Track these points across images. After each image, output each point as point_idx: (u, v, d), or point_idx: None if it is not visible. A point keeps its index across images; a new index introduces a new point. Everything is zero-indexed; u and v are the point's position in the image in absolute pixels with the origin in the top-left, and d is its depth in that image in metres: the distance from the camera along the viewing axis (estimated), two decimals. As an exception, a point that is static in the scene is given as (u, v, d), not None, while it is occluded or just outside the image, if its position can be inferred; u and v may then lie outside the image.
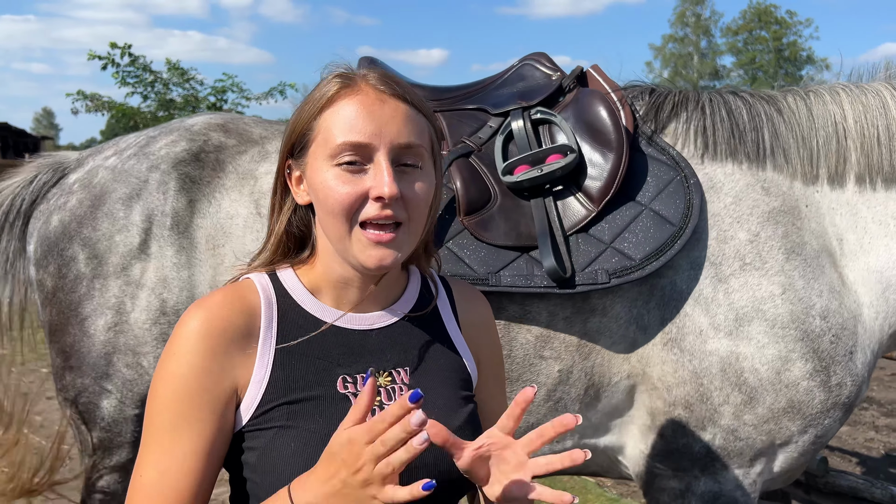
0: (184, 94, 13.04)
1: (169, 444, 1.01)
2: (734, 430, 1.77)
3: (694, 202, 1.78)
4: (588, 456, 0.96)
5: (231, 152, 2.05)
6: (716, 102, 1.94)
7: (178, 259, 1.94)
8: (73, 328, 1.98)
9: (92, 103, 12.52)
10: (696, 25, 52.72)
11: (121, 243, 1.95)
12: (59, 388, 2.07)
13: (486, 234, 1.79)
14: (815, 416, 1.77)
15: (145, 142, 2.12)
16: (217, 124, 2.13)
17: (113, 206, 1.99)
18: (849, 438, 4.91)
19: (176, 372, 1.01)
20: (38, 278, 2.08)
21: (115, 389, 1.96)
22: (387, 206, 1.01)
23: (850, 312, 1.79)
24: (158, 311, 1.92)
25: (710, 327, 1.76)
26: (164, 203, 1.97)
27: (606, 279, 1.73)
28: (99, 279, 1.95)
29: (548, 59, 2.08)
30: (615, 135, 1.83)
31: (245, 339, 1.06)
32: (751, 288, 1.76)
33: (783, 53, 50.81)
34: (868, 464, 4.45)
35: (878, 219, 1.83)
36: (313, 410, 1.04)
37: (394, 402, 0.90)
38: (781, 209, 1.83)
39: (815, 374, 1.74)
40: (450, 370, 1.16)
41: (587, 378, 1.84)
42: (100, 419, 2.00)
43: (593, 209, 1.80)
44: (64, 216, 2.03)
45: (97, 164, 2.11)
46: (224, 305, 1.06)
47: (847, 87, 1.91)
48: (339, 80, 1.06)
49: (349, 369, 1.09)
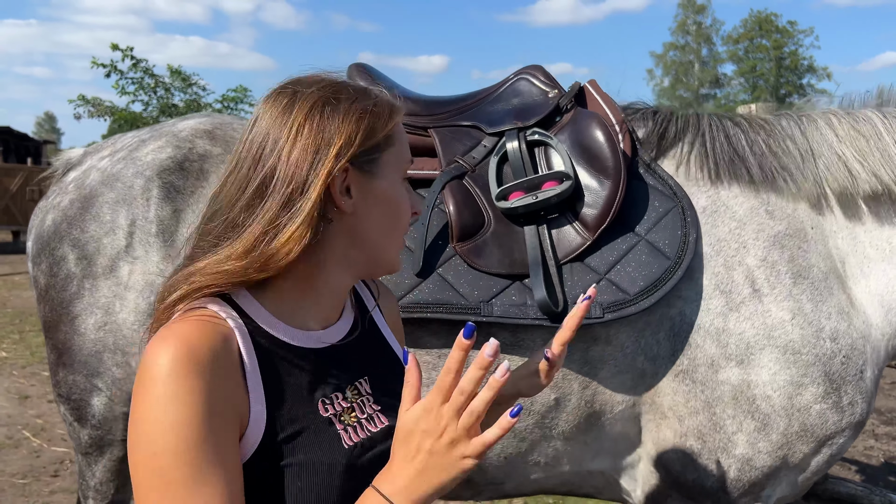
0: (186, 98, 13.10)
1: (194, 500, 0.86)
2: (749, 458, 1.74)
3: (691, 236, 1.75)
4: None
5: (215, 161, 2.04)
6: (716, 127, 1.93)
7: (164, 265, 1.94)
8: (64, 325, 2.01)
9: (94, 108, 12.58)
10: (697, 33, 52.87)
11: (108, 245, 1.98)
12: (54, 384, 2.12)
13: (480, 261, 1.75)
14: (828, 436, 1.76)
15: (136, 145, 2.13)
16: (204, 130, 2.11)
17: (100, 209, 2.01)
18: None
19: (179, 417, 0.86)
20: (34, 275, 2.13)
21: (105, 387, 1.98)
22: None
23: (858, 332, 1.78)
24: (146, 314, 1.94)
25: (722, 357, 1.73)
26: (148, 210, 1.98)
27: (600, 314, 1.70)
28: (89, 279, 1.97)
29: (544, 74, 2.03)
30: (613, 161, 1.79)
31: (231, 366, 0.94)
32: (761, 315, 1.74)
33: (784, 62, 50.93)
34: (867, 472, 4.45)
35: (875, 243, 1.84)
36: (310, 441, 0.98)
37: (452, 350, 0.87)
38: (787, 233, 1.81)
39: (827, 395, 1.73)
40: (395, 369, 1.17)
41: (587, 406, 1.80)
42: (90, 416, 2.03)
43: (588, 237, 1.76)
44: (56, 216, 2.07)
45: (92, 165, 2.15)
46: (196, 329, 0.92)
47: (838, 112, 1.93)
48: (388, 99, 1.08)
49: (324, 391, 1.04)
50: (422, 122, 1.97)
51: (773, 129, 1.92)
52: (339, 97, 1.02)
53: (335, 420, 1.02)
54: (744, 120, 1.97)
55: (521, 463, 1.87)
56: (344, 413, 1.04)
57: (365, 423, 1.06)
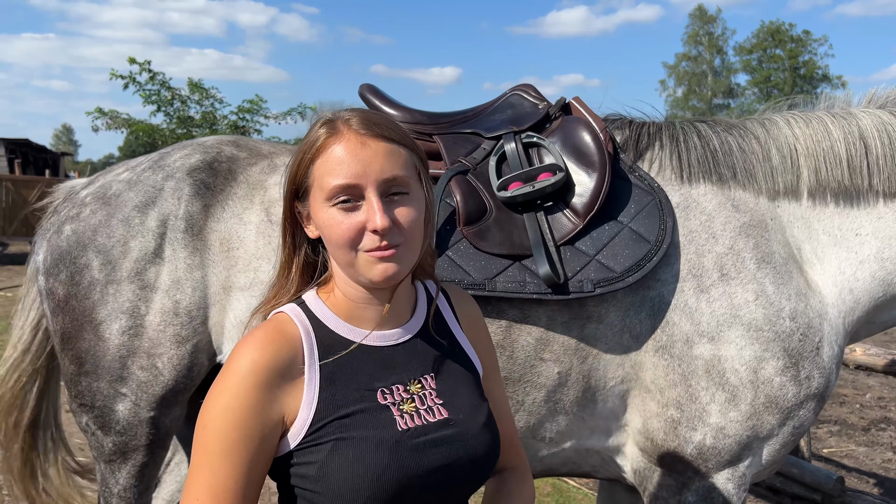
0: (202, 111, 13.23)
1: (220, 467, 1.12)
2: (722, 427, 1.92)
3: (668, 224, 1.96)
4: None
5: (242, 163, 2.20)
6: (687, 131, 2.13)
7: (191, 260, 2.05)
8: (87, 334, 2.05)
9: (111, 121, 12.73)
10: (710, 44, 52.79)
11: (135, 248, 2.05)
12: (74, 395, 2.13)
13: (483, 243, 1.94)
14: (791, 408, 1.94)
15: (158, 157, 2.27)
16: (228, 140, 2.30)
17: (129, 213, 2.09)
18: (866, 459, 4.87)
19: (229, 405, 1.12)
20: (49, 287, 2.15)
21: (130, 392, 2.03)
22: (383, 236, 1.14)
23: (815, 312, 1.97)
24: (172, 313, 2.01)
25: (696, 334, 1.92)
26: (179, 207, 2.09)
27: (592, 288, 1.89)
28: (113, 284, 2.03)
29: (534, 90, 2.26)
30: (598, 157, 2.00)
31: (291, 369, 1.17)
32: (728, 296, 1.93)
33: (799, 72, 50.72)
34: (886, 485, 4.42)
35: (827, 230, 2.04)
36: (363, 421, 1.16)
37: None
38: (751, 223, 2.01)
39: (787, 369, 1.91)
40: (466, 371, 1.31)
41: (584, 381, 1.98)
42: (115, 423, 2.07)
43: (579, 223, 1.96)
44: (78, 226, 2.13)
45: (109, 180, 2.24)
46: (268, 342, 1.16)
47: (796, 115, 2.13)
48: (325, 129, 1.19)
49: (384, 382, 1.21)
50: (427, 130, 2.19)
51: (741, 130, 2.12)
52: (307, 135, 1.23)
53: (392, 407, 1.19)
54: (716, 123, 2.18)
55: (531, 439, 2.05)
56: (404, 402, 1.20)
57: (423, 413, 1.21)
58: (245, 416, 1.12)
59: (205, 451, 1.13)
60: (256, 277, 2.04)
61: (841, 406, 6.06)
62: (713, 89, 52.83)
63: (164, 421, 2.10)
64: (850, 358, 6.66)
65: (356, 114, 1.21)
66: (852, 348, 6.24)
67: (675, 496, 2.00)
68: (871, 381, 6.69)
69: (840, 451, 5.04)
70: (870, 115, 2.07)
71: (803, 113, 2.15)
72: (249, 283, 2.04)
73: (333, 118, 1.20)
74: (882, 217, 2.03)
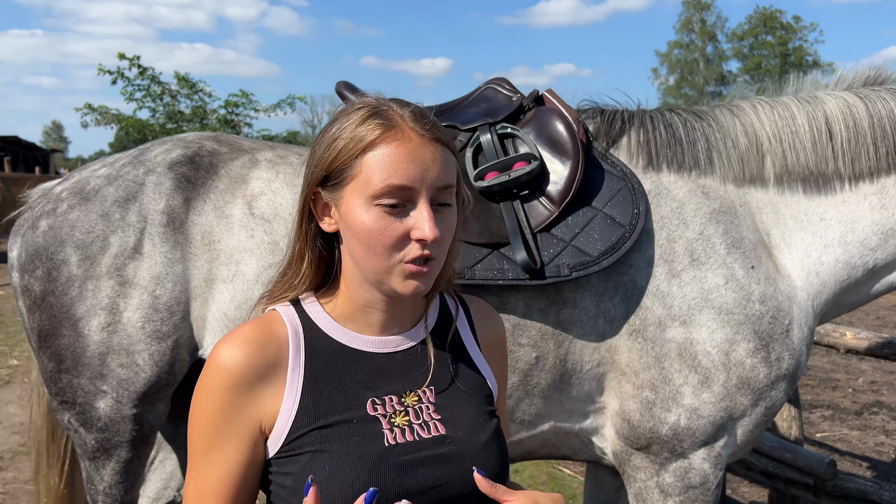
0: (192, 105, 13.15)
1: (203, 466, 1.09)
2: (696, 408, 1.96)
3: (640, 208, 1.99)
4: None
5: (224, 158, 2.21)
6: (656, 120, 2.16)
7: (172, 255, 2.04)
8: (66, 330, 2.02)
9: (101, 116, 12.64)
10: (702, 31, 52.74)
11: (115, 243, 2.03)
12: (55, 393, 2.10)
13: (462, 233, 1.90)
14: (762, 389, 1.98)
15: (138, 153, 2.26)
16: (209, 136, 2.31)
17: (109, 208, 2.07)
18: (859, 443, 4.90)
19: (207, 404, 1.08)
20: (24, 283, 2.11)
21: (111, 389, 2.01)
22: (427, 246, 1.06)
23: (784, 295, 2.01)
24: (151, 309, 1.99)
25: (668, 317, 1.96)
26: (160, 201, 2.07)
27: (568, 272, 1.93)
28: (91, 280, 2.00)
29: (508, 84, 2.30)
30: (572, 145, 2.04)
31: (272, 371, 1.10)
32: (699, 280, 1.97)
33: (789, 58, 50.72)
34: (879, 468, 4.44)
35: (794, 216, 2.08)
36: (346, 433, 1.07)
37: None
38: (720, 209, 2.04)
39: (757, 351, 1.96)
40: (473, 387, 1.20)
41: (561, 365, 2.02)
42: (96, 420, 2.05)
43: (554, 210, 2.00)
44: (54, 221, 2.09)
45: (86, 176, 2.21)
46: (250, 341, 1.10)
47: (763, 101, 2.15)
48: (379, 121, 1.07)
49: (377, 392, 1.12)
50: None
51: (709, 117, 2.15)
52: (335, 121, 1.11)
53: (382, 419, 1.10)
54: (683, 111, 2.21)
55: (508, 422, 2.04)
56: (396, 415, 1.11)
57: (417, 428, 1.10)
58: (220, 416, 1.07)
59: (192, 450, 1.10)
60: (238, 270, 2.04)
61: (833, 390, 6.09)
62: (705, 77, 52.80)
63: (147, 417, 2.09)
64: (841, 342, 6.66)
65: (409, 109, 1.10)
66: (843, 332, 6.24)
67: (654, 477, 2.04)
68: (863, 365, 6.72)
69: (833, 435, 5.07)
70: (835, 99, 2.09)
71: (770, 98, 2.17)
72: (231, 276, 2.04)
73: (385, 108, 1.09)
74: (846, 201, 2.06)
